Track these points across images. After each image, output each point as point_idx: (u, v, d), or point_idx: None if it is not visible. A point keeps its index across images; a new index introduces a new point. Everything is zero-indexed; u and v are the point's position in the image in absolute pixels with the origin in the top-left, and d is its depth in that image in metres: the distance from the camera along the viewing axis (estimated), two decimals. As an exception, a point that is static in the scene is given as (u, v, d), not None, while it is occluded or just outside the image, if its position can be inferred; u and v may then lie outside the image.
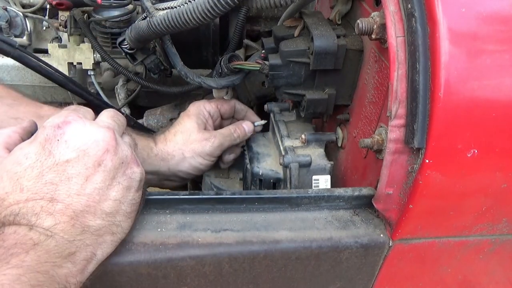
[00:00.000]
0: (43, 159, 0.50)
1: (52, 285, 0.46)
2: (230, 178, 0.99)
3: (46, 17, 1.13)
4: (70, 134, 0.52)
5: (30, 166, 0.50)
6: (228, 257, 0.61)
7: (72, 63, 1.08)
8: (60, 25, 1.06)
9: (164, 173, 0.83)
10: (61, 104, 1.00)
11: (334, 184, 0.77)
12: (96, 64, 1.10)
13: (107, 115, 0.60)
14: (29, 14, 1.12)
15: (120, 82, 1.12)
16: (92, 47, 1.04)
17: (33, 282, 0.44)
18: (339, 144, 0.82)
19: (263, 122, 0.92)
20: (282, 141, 0.81)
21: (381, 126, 0.65)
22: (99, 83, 1.14)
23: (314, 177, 0.74)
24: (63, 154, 0.51)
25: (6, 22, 1.11)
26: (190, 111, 0.85)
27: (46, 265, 0.46)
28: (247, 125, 0.88)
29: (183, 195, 0.63)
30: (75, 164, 0.51)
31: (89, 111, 0.59)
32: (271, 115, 0.90)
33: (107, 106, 1.07)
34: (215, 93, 0.93)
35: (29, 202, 0.48)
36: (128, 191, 0.55)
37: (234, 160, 0.93)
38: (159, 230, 0.60)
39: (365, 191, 0.66)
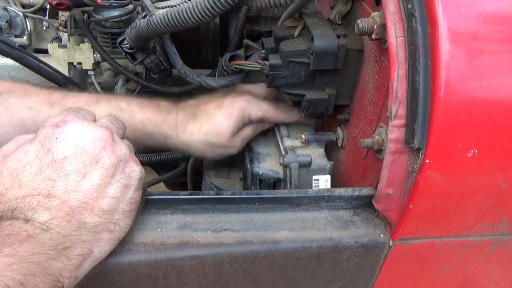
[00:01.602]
0: (42, 156, 0.51)
1: (44, 276, 0.46)
2: (230, 178, 0.99)
3: (46, 17, 1.12)
4: (68, 133, 0.53)
5: (29, 163, 0.51)
6: (228, 257, 0.61)
7: (72, 63, 1.08)
8: (60, 25, 1.06)
9: (169, 146, 0.81)
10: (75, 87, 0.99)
11: (334, 184, 0.77)
12: (96, 64, 1.10)
13: (107, 119, 0.62)
14: (29, 14, 1.12)
15: (120, 82, 1.12)
16: (92, 47, 1.04)
17: (25, 271, 0.44)
18: (339, 144, 0.82)
19: None
20: (282, 141, 0.81)
21: (381, 126, 0.65)
22: (99, 83, 1.14)
23: (314, 177, 0.74)
24: (61, 151, 0.52)
25: (6, 22, 1.11)
26: (234, 112, 0.78)
27: (39, 256, 0.46)
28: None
29: (183, 195, 0.63)
30: (73, 161, 0.52)
31: (90, 113, 0.61)
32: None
33: None
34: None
35: (26, 197, 0.49)
36: (126, 189, 0.55)
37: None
38: (159, 230, 0.60)
39: (365, 191, 0.66)
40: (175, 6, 0.70)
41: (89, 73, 1.11)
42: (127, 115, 0.75)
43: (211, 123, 0.78)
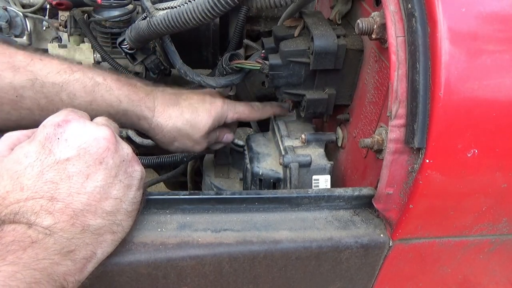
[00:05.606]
0: (43, 158, 0.50)
1: (49, 282, 0.46)
2: (230, 178, 1.00)
3: (46, 17, 1.12)
4: (71, 133, 0.52)
5: (30, 164, 0.50)
6: (228, 257, 0.61)
7: (72, 63, 1.08)
8: (60, 25, 1.06)
9: (140, 127, 0.77)
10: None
11: (334, 184, 0.77)
12: (96, 64, 1.10)
13: (103, 118, 0.60)
14: (29, 14, 1.12)
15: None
16: (92, 47, 1.04)
17: (29, 279, 0.43)
18: (339, 144, 0.82)
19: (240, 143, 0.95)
20: (282, 141, 0.81)
21: (381, 126, 0.65)
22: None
23: (314, 177, 0.74)
24: (64, 152, 0.51)
25: (6, 22, 1.11)
26: (216, 110, 0.80)
27: (44, 262, 0.46)
28: (227, 137, 0.89)
29: (183, 195, 0.63)
30: (76, 162, 0.51)
31: (85, 114, 0.59)
32: (271, 115, 0.90)
33: None
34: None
35: (29, 201, 0.48)
36: (129, 189, 0.55)
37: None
38: (159, 230, 0.60)
39: (365, 191, 0.66)
40: (175, 7, 0.70)
41: (89, 73, 1.11)
42: (103, 90, 0.71)
43: (193, 113, 0.78)
